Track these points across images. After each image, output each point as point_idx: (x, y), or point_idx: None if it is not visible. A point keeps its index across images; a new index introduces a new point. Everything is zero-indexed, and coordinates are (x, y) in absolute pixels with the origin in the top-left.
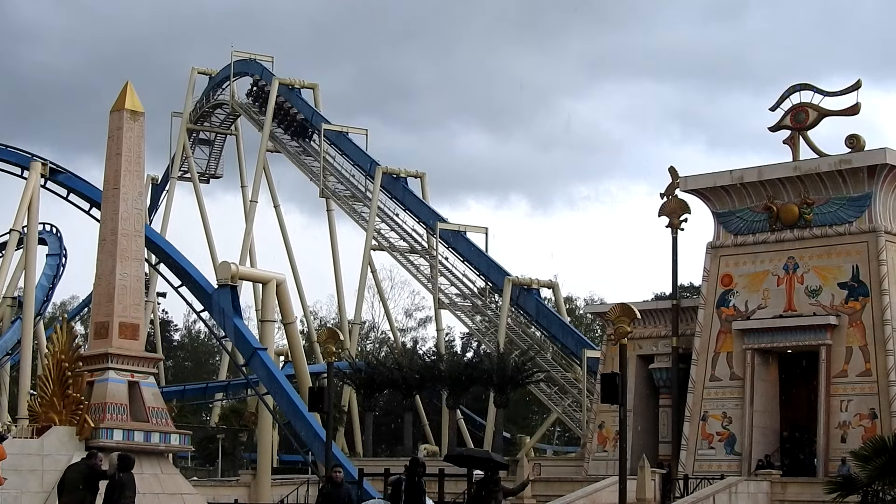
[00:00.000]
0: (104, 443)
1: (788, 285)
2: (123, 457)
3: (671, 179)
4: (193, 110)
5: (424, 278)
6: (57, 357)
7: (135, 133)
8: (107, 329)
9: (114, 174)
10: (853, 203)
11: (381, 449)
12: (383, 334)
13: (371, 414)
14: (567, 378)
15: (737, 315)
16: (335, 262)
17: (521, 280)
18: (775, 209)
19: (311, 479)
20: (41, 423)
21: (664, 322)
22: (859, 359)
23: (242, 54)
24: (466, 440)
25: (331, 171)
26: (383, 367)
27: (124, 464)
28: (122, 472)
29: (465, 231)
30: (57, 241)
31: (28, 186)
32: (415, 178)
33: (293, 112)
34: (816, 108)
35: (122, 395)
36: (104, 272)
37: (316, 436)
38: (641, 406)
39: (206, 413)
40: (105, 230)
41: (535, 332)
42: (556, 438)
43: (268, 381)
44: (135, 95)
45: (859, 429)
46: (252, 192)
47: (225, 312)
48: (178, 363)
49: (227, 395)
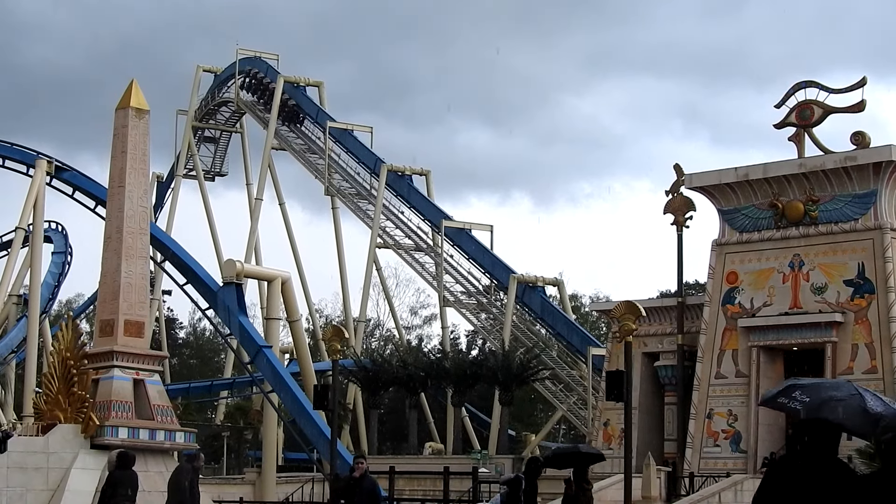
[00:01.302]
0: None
1: (794, 282)
2: (122, 454)
3: (676, 177)
4: (199, 108)
5: (429, 276)
6: (62, 355)
7: (140, 131)
8: (112, 327)
9: (119, 172)
10: (859, 200)
11: (385, 447)
12: (388, 332)
13: (376, 412)
14: (572, 376)
15: (742, 312)
16: (340, 259)
17: (526, 278)
18: (781, 206)
19: (317, 477)
20: (46, 420)
21: (669, 319)
22: (865, 356)
23: (247, 52)
24: (471, 438)
25: (336, 169)
26: (388, 365)
27: (122, 461)
28: (120, 470)
29: (470, 229)
30: (62, 239)
31: (34, 184)
32: (420, 176)
33: (284, 98)
34: (822, 105)
35: (128, 393)
36: (109, 270)
37: (321, 433)
38: (647, 404)
39: (212, 411)
40: (110, 228)
41: (541, 329)
42: (562, 436)
43: (273, 378)
44: (140, 93)
45: None
46: (257, 190)
47: (230, 310)
48: (183, 361)
49: (232, 393)
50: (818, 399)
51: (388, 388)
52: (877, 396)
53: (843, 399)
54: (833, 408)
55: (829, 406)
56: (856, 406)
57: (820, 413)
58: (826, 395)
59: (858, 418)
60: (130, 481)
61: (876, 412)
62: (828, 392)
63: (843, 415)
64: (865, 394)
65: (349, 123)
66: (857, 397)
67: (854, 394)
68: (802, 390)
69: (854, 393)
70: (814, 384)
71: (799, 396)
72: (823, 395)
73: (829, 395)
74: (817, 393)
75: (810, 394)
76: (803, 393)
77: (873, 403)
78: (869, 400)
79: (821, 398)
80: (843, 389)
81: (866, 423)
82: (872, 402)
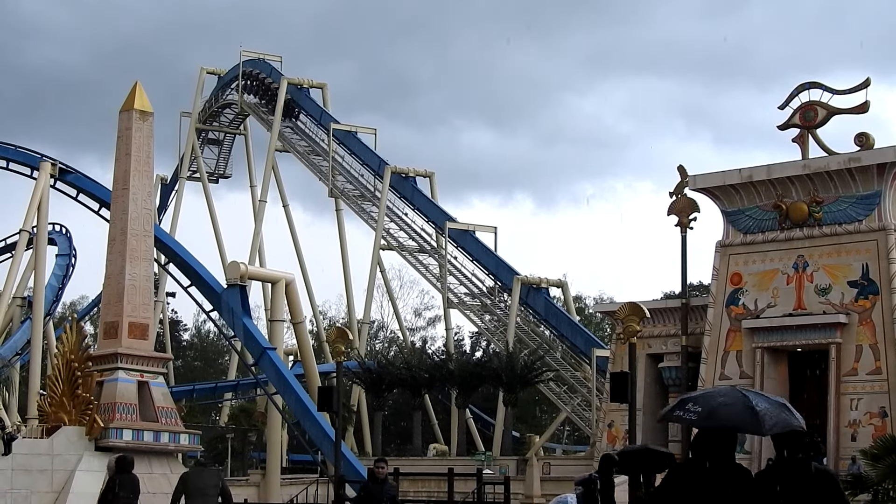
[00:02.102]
0: (114, 443)
1: (798, 284)
2: (120, 458)
3: (680, 178)
4: (202, 110)
5: (433, 278)
6: (66, 357)
7: (144, 133)
8: (116, 329)
9: (123, 174)
10: (863, 201)
11: (390, 448)
12: (392, 334)
13: (380, 413)
14: (576, 377)
15: (746, 314)
16: (344, 261)
17: (530, 279)
18: (785, 207)
19: (321, 479)
20: (51, 423)
21: (673, 321)
22: (869, 357)
23: (251, 53)
24: (475, 439)
25: (339, 171)
26: (392, 367)
27: (122, 465)
28: (120, 474)
29: (474, 230)
30: (66, 242)
31: (37, 187)
32: (424, 178)
33: (273, 86)
34: (825, 106)
35: (132, 395)
36: (113, 272)
37: (325, 435)
38: (651, 405)
39: (216, 413)
40: (114, 230)
41: (545, 331)
42: (566, 437)
43: (277, 380)
44: (144, 95)
45: (869, 427)
46: (261, 192)
47: (234, 312)
48: (187, 363)
49: (236, 395)
50: (709, 407)
51: (392, 390)
52: (760, 395)
53: (730, 404)
54: (723, 413)
55: (719, 412)
56: (742, 407)
57: (711, 420)
58: (715, 402)
59: (747, 418)
60: (131, 485)
61: (761, 409)
62: (716, 399)
63: (733, 417)
64: (749, 394)
65: (353, 125)
66: (743, 399)
67: (740, 396)
68: (694, 401)
69: (740, 396)
70: (703, 394)
71: (692, 408)
72: (713, 402)
73: (717, 403)
74: (707, 402)
75: (702, 404)
76: (695, 404)
77: (758, 402)
78: (753, 399)
79: (711, 406)
80: (730, 395)
81: (755, 422)
82: (757, 401)
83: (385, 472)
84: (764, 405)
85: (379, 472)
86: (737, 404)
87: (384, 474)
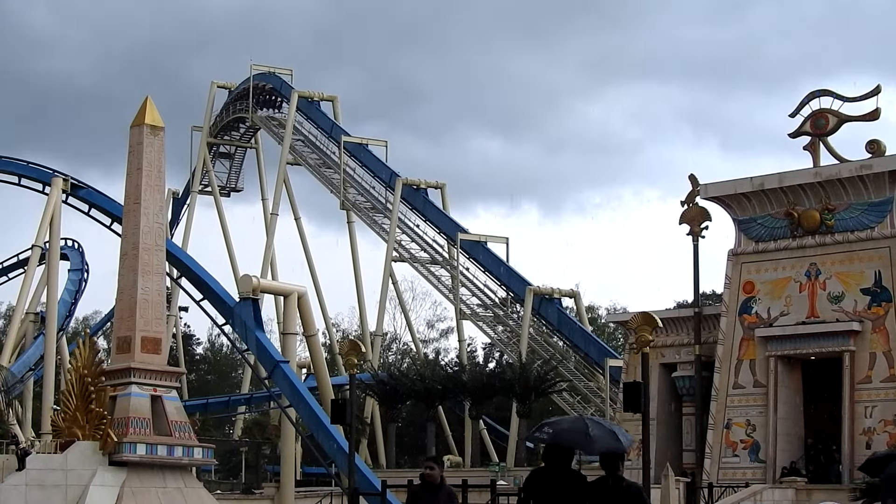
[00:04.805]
0: (127, 457)
1: (811, 291)
2: None
3: (691, 187)
4: (213, 124)
5: (446, 289)
6: (80, 372)
7: (155, 148)
8: (129, 343)
9: (134, 189)
10: (875, 208)
11: (404, 460)
12: (405, 346)
13: (394, 425)
14: (590, 387)
15: (759, 322)
16: (356, 273)
17: (542, 289)
18: (796, 215)
19: (335, 492)
20: (64, 437)
21: (686, 330)
22: (883, 364)
23: (261, 67)
24: (489, 450)
25: (351, 183)
26: (406, 379)
27: None
28: None
29: (485, 241)
30: (79, 257)
31: (49, 202)
32: (435, 189)
33: (264, 86)
34: (836, 113)
35: (145, 410)
36: (126, 286)
37: (339, 448)
38: (664, 414)
39: (230, 426)
40: (126, 245)
41: (557, 341)
42: None
43: (290, 393)
44: (155, 110)
45: (884, 435)
46: (273, 205)
47: (247, 325)
48: (200, 377)
49: (249, 408)
50: (558, 429)
51: (405, 402)
52: (599, 423)
53: (571, 429)
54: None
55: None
56: (579, 432)
57: (556, 439)
58: (560, 427)
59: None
60: None
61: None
62: (562, 425)
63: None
64: (590, 422)
65: (364, 138)
66: (583, 427)
67: (581, 425)
68: (549, 426)
69: (582, 424)
70: (557, 420)
71: (546, 430)
72: (559, 427)
73: (562, 427)
74: (558, 426)
75: (553, 427)
76: (549, 427)
77: (593, 430)
78: (591, 428)
79: (557, 429)
80: (575, 423)
81: (587, 444)
82: (593, 429)
83: (437, 474)
84: (597, 432)
85: (432, 476)
86: (577, 430)
87: (437, 477)
